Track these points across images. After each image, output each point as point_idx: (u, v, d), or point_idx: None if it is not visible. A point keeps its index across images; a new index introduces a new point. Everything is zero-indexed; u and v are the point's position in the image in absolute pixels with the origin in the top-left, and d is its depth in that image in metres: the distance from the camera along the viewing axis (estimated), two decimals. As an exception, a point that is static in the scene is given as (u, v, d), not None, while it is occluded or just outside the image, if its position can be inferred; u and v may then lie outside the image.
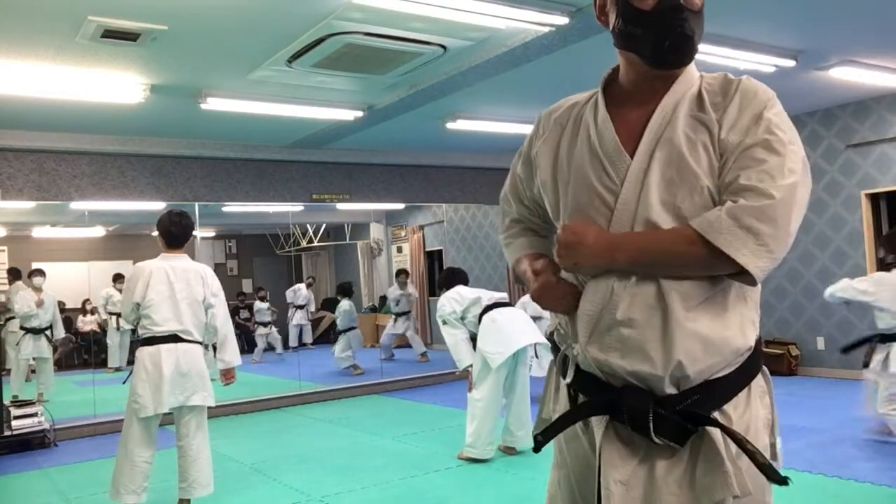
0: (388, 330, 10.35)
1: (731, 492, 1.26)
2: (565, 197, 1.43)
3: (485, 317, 4.92)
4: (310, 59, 4.78)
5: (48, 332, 7.81)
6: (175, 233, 4.05)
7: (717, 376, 1.31)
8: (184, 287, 3.97)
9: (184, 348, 3.92)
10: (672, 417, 1.28)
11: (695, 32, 1.34)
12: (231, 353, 4.14)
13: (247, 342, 11.47)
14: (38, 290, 7.78)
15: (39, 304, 7.63)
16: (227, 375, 4.17)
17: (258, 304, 11.18)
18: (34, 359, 7.76)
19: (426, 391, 8.19)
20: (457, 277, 5.31)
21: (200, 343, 4.04)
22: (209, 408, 4.07)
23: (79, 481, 5.00)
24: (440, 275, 5.62)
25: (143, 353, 3.89)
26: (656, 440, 1.29)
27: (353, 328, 9.65)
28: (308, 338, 11.40)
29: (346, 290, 10.07)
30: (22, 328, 7.63)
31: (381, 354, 10.25)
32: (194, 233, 8.66)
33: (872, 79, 6.11)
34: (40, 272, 7.92)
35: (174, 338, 3.91)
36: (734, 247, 1.21)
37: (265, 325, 11.02)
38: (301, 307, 11.23)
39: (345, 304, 9.76)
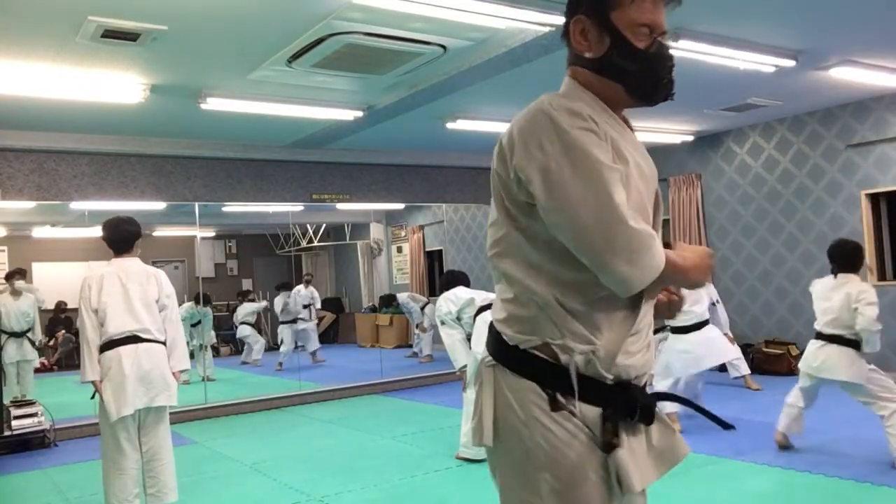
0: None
1: (687, 449, 1.53)
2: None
3: (478, 318, 4.91)
4: (310, 59, 4.78)
5: (30, 335, 7.68)
6: (117, 239, 3.99)
7: None
8: (137, 288, 3.89)
9: (144, 348, 3.83)
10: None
11: None
12: (177, 357, 4.01)
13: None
14: (16, 292, 7.62)
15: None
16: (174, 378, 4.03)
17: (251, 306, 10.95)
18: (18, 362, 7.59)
19: (426, 391, 8.19)
20: (457, 280, 5.31)
21: (162, 342, 3.94)
22: (212, 408, 4.04)
23: (79, 481, 5.00)
24: (441, 278, 5.64)
25: (104, 358, 3.79)
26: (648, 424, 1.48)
27: (290, 322, 10.29)
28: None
29: (284, 285, 10.72)
30: (3, 332, 7.49)
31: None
32: (196, 234, 8.78)
33: (872, 79, 6.10)
34: (19, 273, 7.70)
35: (133, 339, 3.82)
36: None
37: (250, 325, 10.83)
38: (306, 307, 11.12)
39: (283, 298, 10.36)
